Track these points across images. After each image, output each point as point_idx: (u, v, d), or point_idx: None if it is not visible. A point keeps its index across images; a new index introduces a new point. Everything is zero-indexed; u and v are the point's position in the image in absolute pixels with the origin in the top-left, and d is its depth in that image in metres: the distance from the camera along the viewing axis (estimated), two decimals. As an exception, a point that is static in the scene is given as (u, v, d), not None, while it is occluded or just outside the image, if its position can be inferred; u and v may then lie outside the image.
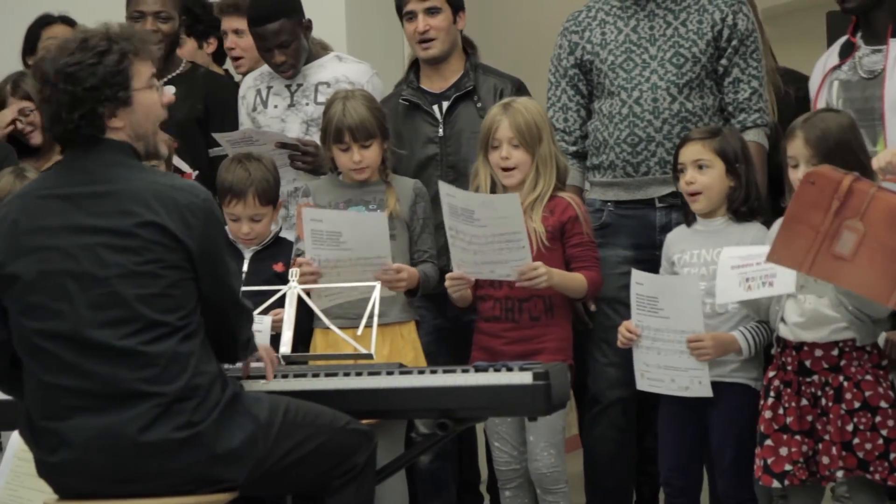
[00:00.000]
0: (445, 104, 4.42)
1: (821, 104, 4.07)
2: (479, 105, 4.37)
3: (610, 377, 4.13)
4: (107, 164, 3.05)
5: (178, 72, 4.78)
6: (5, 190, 4.23)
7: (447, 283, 3.94)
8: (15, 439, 3.52)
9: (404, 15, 4.44)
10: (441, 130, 4.41)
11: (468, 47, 4.48)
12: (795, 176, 3.63)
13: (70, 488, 3.02)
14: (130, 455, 2.95)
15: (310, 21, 4.52)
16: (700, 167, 3.88)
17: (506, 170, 3.97)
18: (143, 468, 2.97)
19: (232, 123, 4.64)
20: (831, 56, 4.15)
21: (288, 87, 4.53)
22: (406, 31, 4.47)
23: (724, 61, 4.20)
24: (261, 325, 3.51)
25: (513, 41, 5.97)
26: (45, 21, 5.18)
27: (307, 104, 4.51)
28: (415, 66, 4.50)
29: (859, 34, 4.10)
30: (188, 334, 3.01)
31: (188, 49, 5.19)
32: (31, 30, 5.19)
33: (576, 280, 3.94)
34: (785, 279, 3.55)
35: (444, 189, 3.87)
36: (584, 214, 4.02)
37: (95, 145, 3.05)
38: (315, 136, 4.43)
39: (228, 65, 5.33)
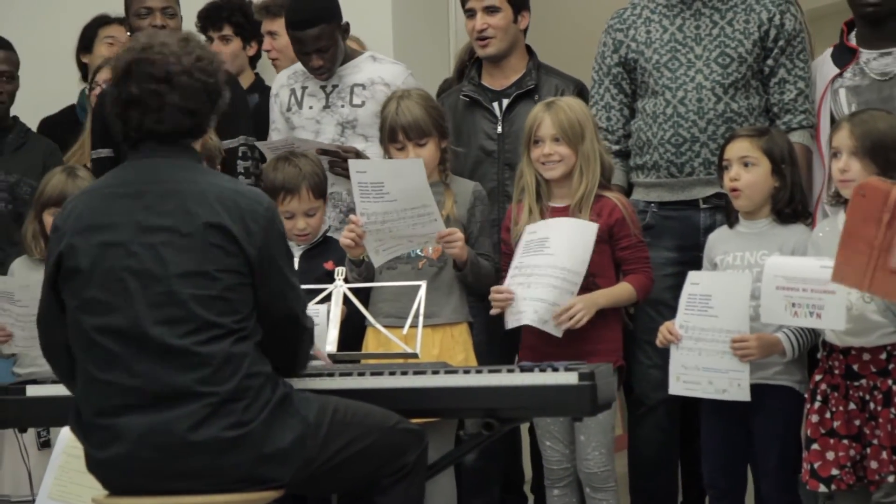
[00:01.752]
0: (506, 102, 4.43)
1: (825, 115, 4.05)
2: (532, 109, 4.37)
3: (653, 379, 4.12)
4: (173, 165, 3.09)
5: None
6: (57, 188, 4.28)
7: (491, 297, 3.89)
8: (64, 435, 3.56)
9: (466, 11, 4.46)
10: (500, 127, 4.42)
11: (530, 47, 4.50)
12: (837, 166, 3.61)
13: (119, 484, 3.05)
14: (179, 453, 2.98)
15: (347, 24, 4.54)
16: (746, 164, 3.86)
17: (547, 164, 3.95)
18: (192, 466, 2.99)
19: (242, 118, 4.65)
20: (826, 65, 4.11)
21: (323, 87, 4.55)
22: (466, 27, 4.49)
23: (770, 61, 4.18)
24: (316, 318, 3.53)
25: (558, 39, 5.96)
26: (102, 21, 5.24)
27: (342, 106, 4.52)
28: (477, 62, 4.51)
29: (853, 40, 4.07)
30: (243, 337, 3.03)
31: (233, 48, 5.23)
32: (87, 29, 5.24)
33: (624, 293, 3.93)
34: (834, 313, 3.48)
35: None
36: (632, 215, 4.00)
37: (163, 146, 3.09)
38: (350, 139, 4.45)
39: (259, 68, 5.37)
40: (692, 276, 3.80)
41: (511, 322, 3.83)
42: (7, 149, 4.69)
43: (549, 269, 3.79)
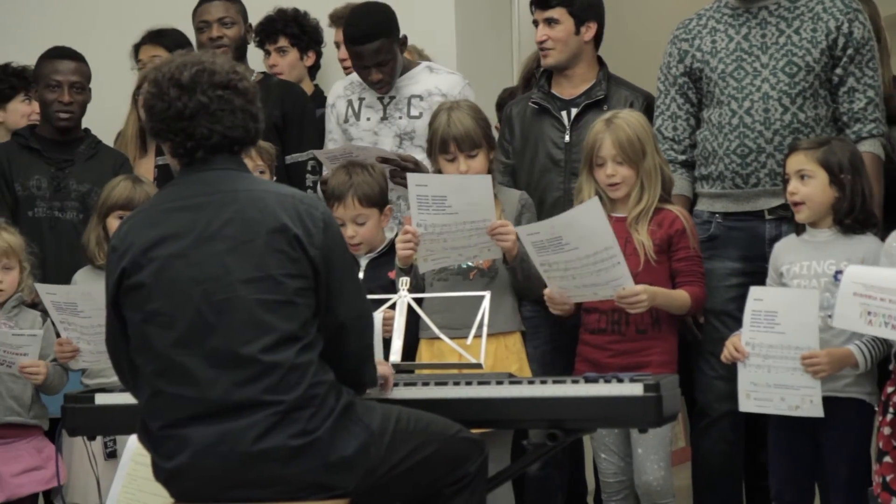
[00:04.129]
0: (574, 111, 4.43)
1: None
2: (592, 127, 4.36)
3: (718, 390, 4.09)
4: (227, 175, 3.11)
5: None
6: (122, 196, 4.32)
7: (546, 293, 3.89)
8: (132, 443, 3.59)
9: (534, 22, 4.48)
10: (567, 136, 4.42)
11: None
12: None
13: (186, 493, 3.07)
14: (245, 462, 2.99)
15: (405, 37, 4.55)
16: (802, 177, 3.84)
17: (611, 185, 3.97)
18: (258, 475, 3.00)
19: (309, 132, 4.67)
20: None
21: (380, 99, 4.56)
22: (535, 38, 4.50)
23: (838, 70, 4.14)
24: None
25: (627, 50, 5.95)
26: (152, 37, 5.29)
27: (400, 117, 4.53)
28: (547, 70, 4.51)
29: None
30: (308, 344, 3.04)
31: (290, 59, 5.27)
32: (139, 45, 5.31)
33: (679, 298, 3.91)
34: None
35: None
36: (692, 228, 3.99)
37: (216, 157, 3.11)
38: (408, 150, 4.46)
39: (318, 79, 5.40)
40: (754, 291, 3.77)
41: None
42: (79, 159, 4.74)
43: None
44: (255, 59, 5.22)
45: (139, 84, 4.92)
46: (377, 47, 4.43)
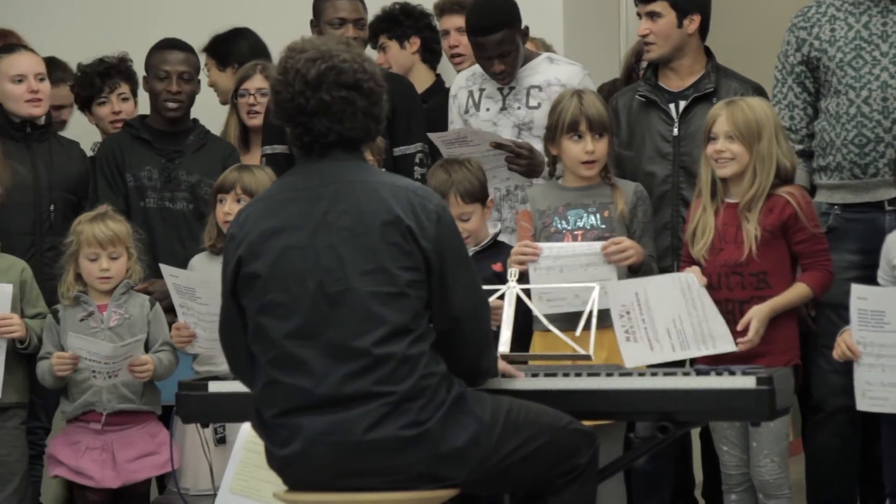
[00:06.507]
0: (682, 103, 4.38)
1: None
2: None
3: (833, 384, 4.03)
4: (345, 166, 3.13)
5: None
6: (230, 178, 4.34)
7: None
8: (245, 430, 3.64)
9: (637, 15, 4.45)
10: (675, 129, 4.37)
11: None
12: None
13: (299, 481, 3.10)
14: (356, 451, 3.01)
15: (527, 28, 4.55)
16: None
17: (720, 161, 3.92)
18: (369, 464, 3.02)
19: (418, 124, 4.68)
20: None
21: (500, 90, 4.56)
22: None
23: (962, 59, 4.05)
24: None
25: (737, 42, 5.87)
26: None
27: (519, 108, 4.53)
28: (655, 63, 4.48)
29: None
30: (419, 336, 3.05)
31: (393, 52, 5.28)
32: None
33: (798, 296, 3.87)
34: None
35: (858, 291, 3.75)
36: (807, 206, 3.92)
37: (337, 150, 3.13)
38: (525, 140, 4.45)
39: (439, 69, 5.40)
40: (856, 290, 3.71)
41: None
42: (188, 149, 4.79)
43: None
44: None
45: (235, 88, 4.97)
46: (500, 38, 4.43)
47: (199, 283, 4.16)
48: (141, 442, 4.29)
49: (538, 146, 4.39)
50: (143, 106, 5.05)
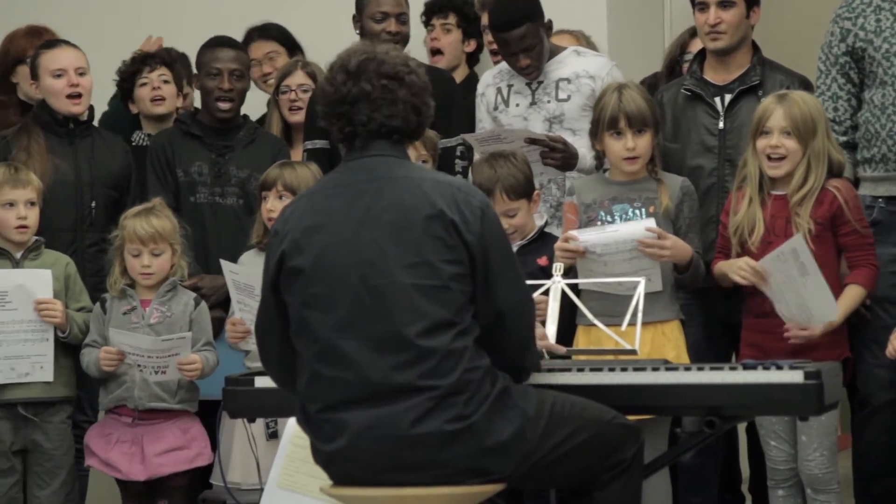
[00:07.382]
0: (728, 97, 4.35)
1: None
2: (763, 100, 4.29)
3: (881, 379, 4.00)
4: (388, 161, 3.15)
5: None
6: (272, 175, 4.37)
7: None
8: (291, 425, 3.65)
9: (697, 4, 4.39)
10: (721, 123, 4.35)
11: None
12: None
13: (345, 476, 3.11)
14: (402, 446, 3.02)
15: (550, 21, 4.54)
16: None
17: (773, 159, 3.89)
18: (414, 459, 3.03)
19: (458, 118, 4.67)
20: None
21: (528, 84, 4.55)
22: (696, 21, 4.41)
23: None
24: None
25: (782, 34, 5.84)
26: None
27: (548, 101, 4.52)
28: (699, 56, 4.46)
29: None
30: (463, 330, 3.05)
31: (453, 38, 5.24)
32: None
33: (855, 300, 3.86)
34: None
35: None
36: (854, 200, 3.90)
37: (380, 143, 3.15)
38: (557, 133, 4.44)
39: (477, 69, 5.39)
40: None
41: None
42: (238, 145, 4.81)
43: None
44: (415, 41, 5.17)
45: (277, 85, 4.99)
46: (523, 33, 4.43)
47: (259, 279, 4.16)
48: (171, 436, 4.29)
49: (570, 139, 4.38)
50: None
